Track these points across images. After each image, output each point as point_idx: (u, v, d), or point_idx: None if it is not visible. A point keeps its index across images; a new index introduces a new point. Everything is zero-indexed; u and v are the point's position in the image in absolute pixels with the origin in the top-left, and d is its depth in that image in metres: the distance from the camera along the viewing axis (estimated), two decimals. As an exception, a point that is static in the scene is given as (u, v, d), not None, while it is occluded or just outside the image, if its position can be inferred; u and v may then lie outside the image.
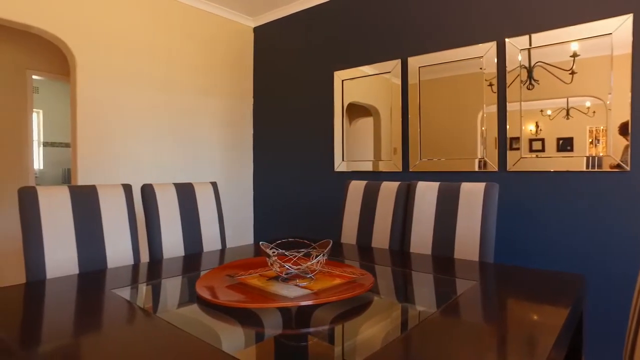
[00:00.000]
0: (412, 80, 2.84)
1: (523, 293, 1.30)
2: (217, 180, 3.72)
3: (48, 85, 5.77)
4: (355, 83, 3.20)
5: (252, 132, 4.01)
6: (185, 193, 2.03)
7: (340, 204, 3.32)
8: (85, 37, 2.85)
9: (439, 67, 2.71)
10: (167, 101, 3.32)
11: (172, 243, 1.94)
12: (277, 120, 3.79)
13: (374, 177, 3.11)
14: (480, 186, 1.94)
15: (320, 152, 3.44)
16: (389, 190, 2.22)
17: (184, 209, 2.00)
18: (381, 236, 2.18)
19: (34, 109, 5.62)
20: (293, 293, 1.21)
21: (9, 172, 3.69)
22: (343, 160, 3.26)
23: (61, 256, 1.61)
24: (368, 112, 3.16)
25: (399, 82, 2.92)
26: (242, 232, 3.90)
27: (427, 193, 2.08)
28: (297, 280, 1.31)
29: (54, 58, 3.99)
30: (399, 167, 2.93)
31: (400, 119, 2.92)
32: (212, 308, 1.15)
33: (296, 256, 1.38)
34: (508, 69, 2.41)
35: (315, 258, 1.34)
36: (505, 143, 2.44)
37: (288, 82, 3.70)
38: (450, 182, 2.19)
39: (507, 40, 2.42)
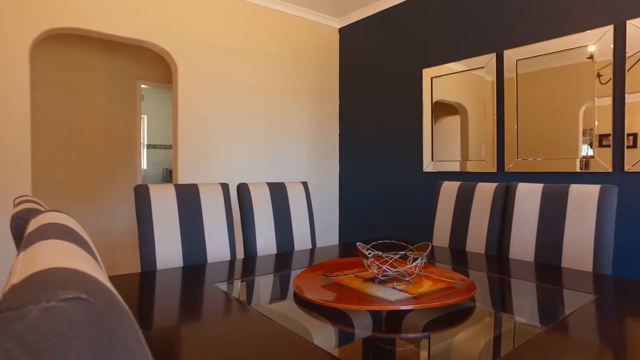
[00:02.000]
0: (508, 74, 2.65)
1: (658, 311, 1.13)
2: (304, 180, 3.80)
3: (151, 92, 6.35)
4: (442, 81, 3.07)
5: (338, 132, 4.04)
6: (278, 192, 2.09)
7: (429, 206, 3.20)
8: (186, 47, 3.08)
9: (539, 60, 2.49)
10: (258, 103, 3.47)
11: (265, 241, 2.01)
12: (363, 120, 3.78)
13: (464, 178, 2.95)
14: (593, 189, 1.74)
15: (408, 152, 3.36)
16: (485, 191, 2.09)
17: (276, 208, 2.06)
18: (476, 240, 2.06)
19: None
20: (392, 296, 1.17)
21: (122, 171, 4.12)
22: (432, 160, 3.15)
23: (168, 249, 1.74)
24: (453, 111, 3.01)
25: (491, 77, 2.75)
26: (327, 232, 3.94)
27: (528, 195, 1.92)
28: (395, 283, 1.27)
29: (158, 68, 4.38)
30: (492, 168, 2.75)
31: (494, 117, 2.74)
32: (306, 306, 1.16)
33: (392, 258, 1.35)
34: (628, 54, 2.14)
35: (413, 260, 1.29)
36: (621, 140, 2.17)
37: (374, 82, 3.67)
38: (552, 183, 2.00)
39: (628, 22, 2.15)
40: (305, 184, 2.22)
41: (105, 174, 4.02)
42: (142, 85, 4.26)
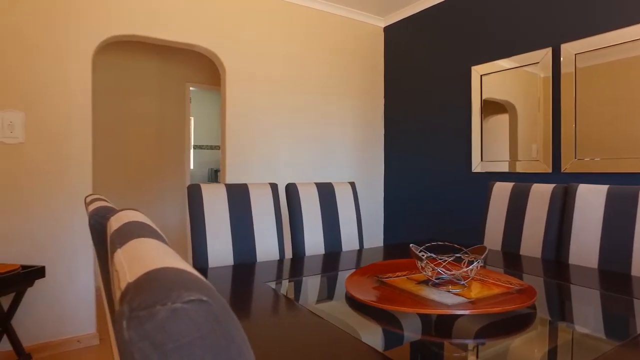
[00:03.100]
0: (566, 69, 2.51)
1: None
2: (348, 180, 3.79)
3: (197, 94, 6.56)
4: (491, 78, 2.97)
5: (383, 132, 4.00)
6: (326, 192, 2.10)
7: (477, 207, 3.10)
8: (234, 49, 3.15)
9: (601, 53, 2.35)
10: (303, 104, 3.50)
11: (313, 241, 2.02)
12: (408, 120, 3.72)
13: (514, 179, 2.83)
14: (666, 190, 1.62)
15: (455, 153, 3.27)
16: (541, 193, 1.99)
17: (324, 208, 2.07)
18: (532, 243, 1.97)
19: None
20: (447, 300, 1.14)
21: (172, 171, 4.29)
22: (482, 160, 3.04)
23: (220, 247, 1.79)
24: (501, 109, 2.90)
25: (545, 73, 2.62)
26: (372, 233, 3.91)
27: (591, 197, 1.81)
28: (450, 287, 1.24)
29: (204, 70, 4.52)
30: (547, 168, 2.62)
31: (548, 115, 2.61)
32: (356, 306, 1.16)
33: (446, 260, 1.31)
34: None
35: (468, 263, 1.25)
36: (697, 138, 2.01)
37: (420, 81, 3.60)
38: (616, 184, 1.88)
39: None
40: (352, 184, 2.21)
41: (157, 174, 4.19)
42: (191, 88, 4.40)
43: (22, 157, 2.45)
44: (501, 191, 2.18)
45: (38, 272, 2.21)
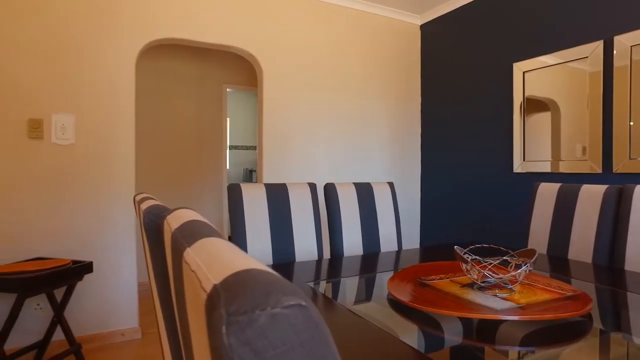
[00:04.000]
0: (619, 62, 2.38)
1: None
2: (384, 180, 3.75)
3: (232, 95, 6.68)
4: (534, 75, 2.85)
5: (419, 131, 3.93)
6: (365, 192, 2.08)
7: (519, 208, 2.99)
8: (270, 50, 3.19)
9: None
10: (340, 103, 3.49)
11: (352, 241, 2.00)
12: (446, 119, 3.64)
13: (558, 179, 2.71)
14: None
15: (496, 152, 3.17)
16: (591, 194, 1.90)
17: (363, 208, 2.05)
18: (581, 247, 1.87)
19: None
20: (495, 304, 1.10)
21: (210, 171, 4.38)
22: (524, 160, 2.94)
23: (259, 246, 1.80)
24: (543, 107, 2.78)
25: (595, 68, 2.49)
26: (408, 233, 3.85)
27: (648, 199, 1.70)
28: (497, 291, 1.20)
29: (241, 72, 4.59)
30: (596, 168, 2.49)
31: (597, 112, 2.48)
32: (396, 308, 1.13)
33: (492, 264, 1.26)
34: None
35: (515, 267, 1.20)
36: None
37: (459, 79, 3.51)
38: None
39: None
40: (391, 184, 2.18)
41: (195, 174, 4.30)
42: (227, 89, 4.49)
43: (72, 157, 2.57)
44: (547, 192, 2.09)
45: (87, 267, 2.31)
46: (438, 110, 3.72)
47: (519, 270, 1.16)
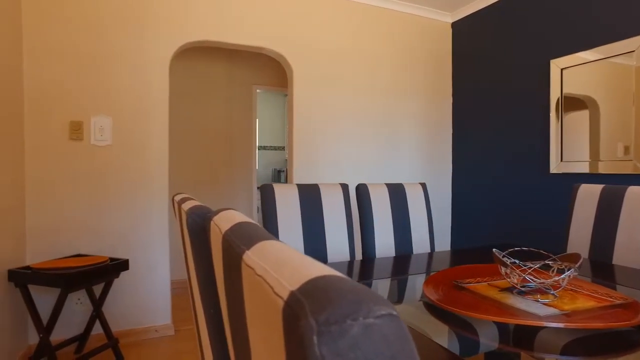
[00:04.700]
0: (666, 59, 2.26)
1: None
2: (414, 181, 3.70)
3: (261, 96, 6.74)
4: (572, 72, 2.75)
5: (451, 131, 3.86)
6: (397, 193, 2.06)
7: (556, 211, 2.89)
8: (301, 51, 3.20)
9: None
10: (370, 103, 3.47)
11: (384, 242, 1.98)
12: (479, 118, 3.55)
13: (596, 180, 2.61)
14: None
15: (531, 153, 3.07)
16: (638, 196, 1.81)
17: (395, 209, 2.03)
18: (628, 252, 1.79)
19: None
20: (537, 310, 1.06)
21: (240, 171, 4.44)
22: (561, 160, 2.83)
23: (292, 246, 1.81)
24: (580, 105, 2.67)
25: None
26: (438, 235, 3.79)
27: (700, 202, 1.61)
28: (539, 296, 1.15)
29: (270, 73, 4.63)
30: (641, 169, 2.38)
31: (646, 109, 2.36)
32: (429, 311, 1.11)
33: (532, 267, 1.22)
34: None
35: (558, 272, 1.16)
36: None
37: (492, 77, 3.43)
38: None
39: None
40: (423, 185, 2.15)
41: (225, 174, 4.36)
42: (257, 90, 4.53)
43: (109, 158, 2.66)
44: (588, 194, 2.00)
45: (123, 265, 2.38)
46: (470, 109, 3.64)
47: (562, 275, 1.12)
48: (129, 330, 2.71)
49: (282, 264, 0.25)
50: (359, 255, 2.91)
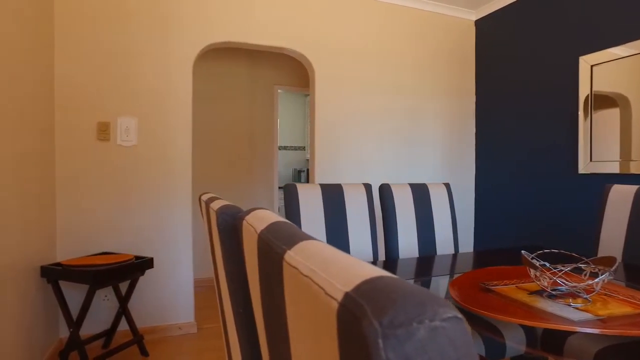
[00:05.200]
0: None
1: None
2: (437, 181, 3.65)
3: (281, 97, 6.77)
4: (603, 69, 2.66)
5: (474, 130, 3.80)
6: (420, 193, 2.03)
7: (586, 212, 2.81)
8: (323, 51, 3.20)
9: None
10: (392, 103, 3.44)
11: (407, 243, 1.97)
12: (503, 118, 3.48)
13: (629, 181, 2.52)
14: None
15: (558, 152, 2.99)
16: (673, 198, 1.74)
17: (418, 210, 2.00)
18: (662, 256, 1.72)
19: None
20: (571, 315, 1.03)
21: (262, 171, 4.48)
22: (590, 160, 2.75)
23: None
24: (610, 103, 2.58)
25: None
26: (461, 236, 3.73)
27: None
28: (571, 300, 1.12)
29: (291, 73, 4.64)
30: (677, 169, 2.29)
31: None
32: (463, 314, 1.09)
33: (563, 271, 1.19)
34: None
35: (591, 275, 1.12)
36: None
37: (518, 75, 3.35)
38: None
39: None
40: (447, 185, 2.12)
41: (247, 174, 4.40)
42: (278, 90, 4.55)
43: (134, 158, 2.71)
44: (621, 195, 1.94)
45: (148, 263, 2.43)
46: (494, 107, 3.57)
47: (597, 279, 1.08)
48: (153, 327, 2.76)
49: (329, 264, 0.25)
50: (381, 256, 2.89)
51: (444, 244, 2.04)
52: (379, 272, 0.23)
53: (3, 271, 1.77)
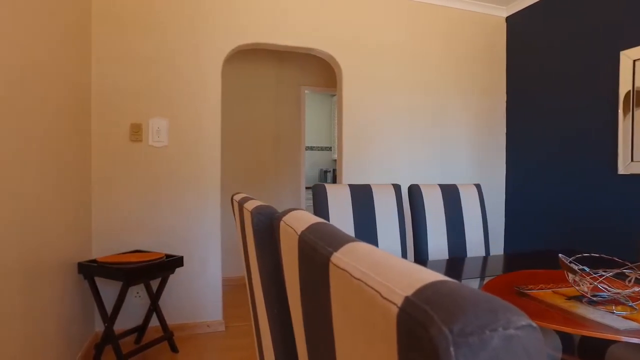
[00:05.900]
0: None
1: None
2: (466, 181, 3.58)
3: (307, 97, 6.79)
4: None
5: (504, 130, 3.70)
6: (450, 194, 2.00)
7: (626, 215, 2.69)
8: (350, 51, 3.19)
9: None
10: (420, 102, 3.40)
11: (437, 244, 1.93)
12: (535, 117, 3.38)
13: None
14: None
15: (595, 152, 2.88)
16: None
17: (448, 211, 1.97)
18: None
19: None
20: (614, 323, 0.99)
21: (289, 171, 4.50)
22: (632, 160, 2.63)
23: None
24: None
25: None
26: (491, 238, 3.65)
27: None
28: (614, 307, 1.08)
29: (318, 73, 4.65)
30: None
31: None
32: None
33: (604, 276, 1.14)
34: None
35: (635, 281, 1.07)
36: None
37: (551, 73, 3.25)
38: None
39: None
40: (478, 186, 2.07)
41: (274, 174, 4.44)
42: (305, 91, 4.57)
43: (166, 158, 2.77)
44: (665, 197, 1.84)
45: (178, 261, 2.48)
46: (526, 106, 3.47)
47: (642, 285, 1.03)
48: (182, 324, 2.81)
49: (382, 267, 0.25)
50: (411, 257, 2.86)
51: (474, 246, 1.99)
52: (439, 276, 0.22)
53: (45, 268, 1.84)
